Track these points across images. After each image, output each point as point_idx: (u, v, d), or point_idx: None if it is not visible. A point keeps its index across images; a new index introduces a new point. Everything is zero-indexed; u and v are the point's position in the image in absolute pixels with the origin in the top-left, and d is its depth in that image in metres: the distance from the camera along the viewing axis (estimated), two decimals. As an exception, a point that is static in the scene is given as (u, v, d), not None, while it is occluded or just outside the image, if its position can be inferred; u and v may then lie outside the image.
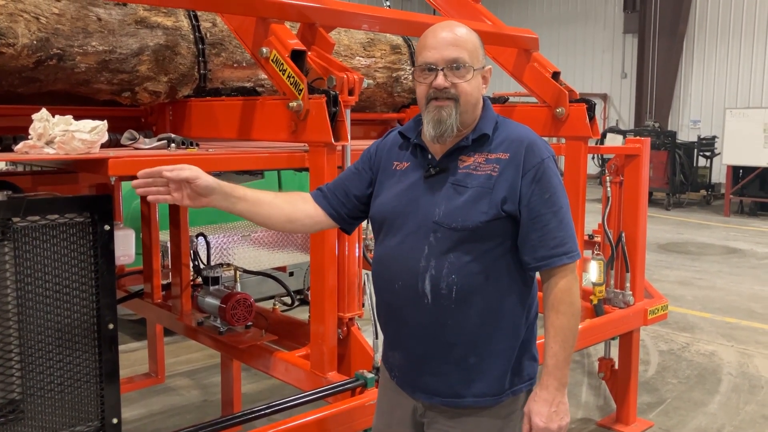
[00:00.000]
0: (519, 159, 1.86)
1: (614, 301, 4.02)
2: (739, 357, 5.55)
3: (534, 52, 3.93)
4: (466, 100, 1.88)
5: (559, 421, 1.88)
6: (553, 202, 1.86)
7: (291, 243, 5.23)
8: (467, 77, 1.86)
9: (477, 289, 1.87)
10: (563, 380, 1.89)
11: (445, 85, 1.86)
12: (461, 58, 1.85)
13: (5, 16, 2.47)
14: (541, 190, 1.85)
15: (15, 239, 1.95)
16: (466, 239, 1.85)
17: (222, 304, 3.29)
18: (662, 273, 8.44)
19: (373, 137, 4.30)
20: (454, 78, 1.86)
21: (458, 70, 1.86)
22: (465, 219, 1.84)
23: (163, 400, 4.65)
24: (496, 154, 1.89)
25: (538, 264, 1.88)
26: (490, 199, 1.84)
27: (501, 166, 1.87)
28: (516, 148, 1.88)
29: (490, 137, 1.92)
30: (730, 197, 13.65)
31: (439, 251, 1.87)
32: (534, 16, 20.59)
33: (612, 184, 4.09)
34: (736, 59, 16.86)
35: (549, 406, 1.87)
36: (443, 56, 1.86)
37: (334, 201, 2.10)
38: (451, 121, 1.87)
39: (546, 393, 1.88)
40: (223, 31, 3.21)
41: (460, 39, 1.88)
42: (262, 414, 2.53)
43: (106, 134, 2.26)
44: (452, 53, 1.85)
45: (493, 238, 1.87)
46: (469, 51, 1.87)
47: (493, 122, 1.94)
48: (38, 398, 2.02)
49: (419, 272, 1.88)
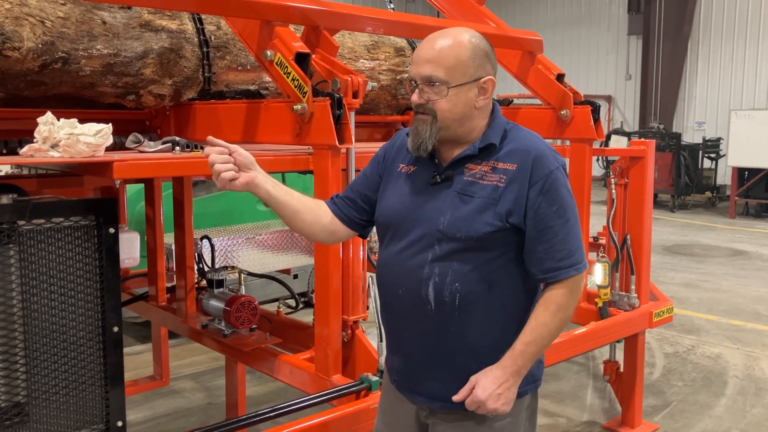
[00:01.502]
0: (526, 171, 1.85)
1: (619, 303, 4.01)
2: (745, 359, 5.53)
3: (538, 54, 3.93)
4: (443, 117, 1.86)
5: (498, 403, 1.83)
6: (560, 215, 1.85)
7: (295, 245, 5.23)
8: (442, 94, 1.84)
9: (480, 297, 1.86)
10: (522, 371, 1.86)
11: (420, 101, 1.86)
12: (434, 76, 1.83)
13: (11, 20, 2.48)
14: (548, 202, 1.84)
15: (20, 242, 1.96)
16: (470, 248, 1.85)
17: (226, 307, 3.29)
18: (667, 275, 8.42)
19: (377, 140, 4.30)
20: (430, 95, 1.85)
21: (433, 86, 1.84)
22: (469, 229, 1.84)
23: (167, 403, 4.65)
24: (503, 164, 1.87)
25: (545, 276, 1.87)
26: (495, 210, 1.83)
27: (508, 177, 1.85)
28: (523, 160, 1.86)
29: (498, 146, 1.90)
30: (736, 199, 13.60)
31: (443, 259, 1.86)
32: (538, 18, 20.58)
33: (617, 186, 4.07)
34: (741, 61, 16.82)
35: (496, 385, 1.83)
36: (419, 72, 1.86)
37: (345, 208, 2.10)
38: (426, 135, 1.86)
39: (500, 372, 1.84)
40: (227, 34, 3.21)
41: (440, 55, 1.84)
42: (266, 417, 2.53)
43: (110, 137, 2.27)
44: (426, 71, 1.84)
45: (498, 247, 1.86)
46: (447, 68, 1.83)
47: (501, 131, 1.92)
48: (43, 401, 2.03)
49: (423, 279, 1.88)
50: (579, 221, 1.92)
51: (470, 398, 1.85)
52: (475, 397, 1.84)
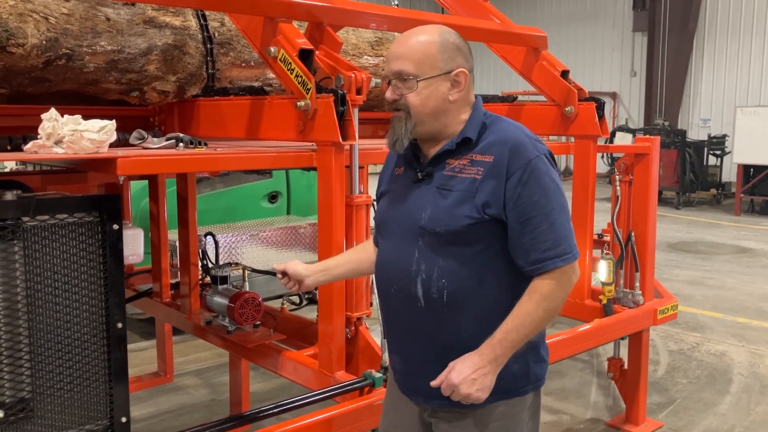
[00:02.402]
0: (503, 163, 1.83)
1: (624, 300, 4.00)
2: (750, 357, 5.51)
3: (543, 51, 3.92)
4: (416, 111, 1.89)
5: (472, 389, 1.78)
6: (542, 204, 1.82)
7: (299, 242, 5.23)
8: (413, 89, 1.87)
9: (470, 293, 1.86)
10: (500, 360, 1.81)
11: (393, 97, 1.91)
12: (404, 71, 1.87)
13: (15, 16, 2.48)
14: (528, 192, 1.81)
15: (24, 238, 1.96)
16: (453, 242, 1.84)
17: (230, 303, 3.29)
18: (672, 272, 8.40)
19: (380, 136, 4.30)
20: (402, 89, 1.89)
21: (404, 81, 1.88)
22: (448, 223, 1.84)
23: (171, 399, 4.66)
24: (481, 157, 1.86)
25: (532, 268, 1.84)
26: (473, 203, 1.83)
27: (485, 169, 1.84)
28: (500, 152, 1.84)
29: (475, 140, 1.89)
30: (741, 196, 13.55)
31: (428, 255, 1.87)
32: (542, 15, 20.52)
33: (621, 183, 4.06)
34: (747, 57, 16.74)
35: (472, 371, 1.78)
36: (390, 69, 1.91)
37: None
38: (401, 132, 1.90)
39: (477, 358, 1.80)
40: (231, 31, 3.21)
41: (409, 50, 1.88)
42: (270, 413, 2.54)
43: (114, 134, 2.27)
44: (396, 66, 1.89)
45: (481, 241, 1.85)
46: (415, 62, 1.86)
47: (478, 125, 1.91)
48: (48, 397, 2.03)
49: (411, 277, 1.89)
50: (567, 210, 1.88)
51: (445, 382, 1.81)
52: (449, 381, 1.79)
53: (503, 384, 1.90)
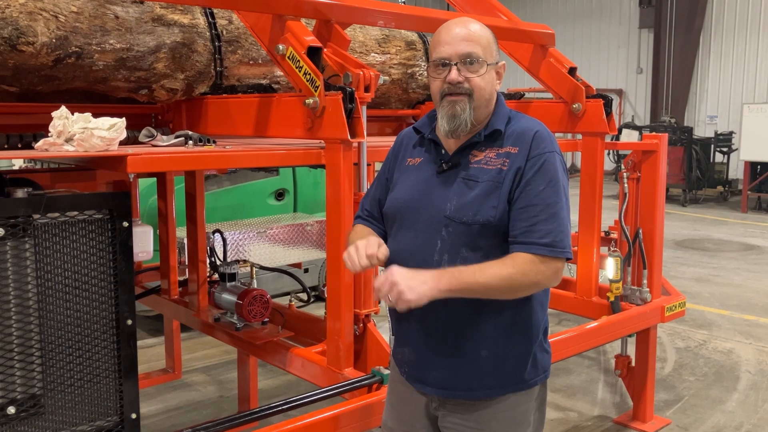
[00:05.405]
0: (526, 148, 1.88)
1: (631, 298, 3.99)
2: (758, 354, 5.50)
3: (550, 48, 3.91)
4: (480, 95, 1.90)
5: (405, 287, 1.71)
6: (546, 196, 1.84)
7: (306, 239, 5.24)
8: (480, 72, 1.88)
9: None
10: (441, 285, 1.75)
11: (459, 79, 1.87)
12: (474, 53, 1.87)
13: (25, 15, 2.49)
14: (537, 180, 1.84)
15: (35, 236, 1.97)
16: (478, 234, 1.85)
17: (239, 301, 3.30)
18: (679, 270, 8.38)
19: (388, 134, 4.30)
20: (467, 73, 1.88)
21: (472, 64, 1.88)
22: (475, 213, 1.85)
23: (179, 396, 4.68)
24: (506, 148, 1.90)
25: (516, 240, 1.82)
26: (500, 193, 1.84)
27: (511, 159, 1.87)
28: (524, 140, 1.89)
29: (503, 132, 1.92)
30: (748, 193, 13.49)
31: (451, 246, 1.87)
32: (549, 12, 20.46)
33: (629, 180, 4.05)
34: (754, 54, 16.65)
35: (413, 276, 1.74)
36: (457, 51, 1.88)
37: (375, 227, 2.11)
38: (465, 116, 1.88)
39: (426, 272, 1.76)
40: (239, 29, 3.22)
41: (473, 34, 1.89)
42: (278, 410, 2.55)
43: (124, 131, 2.28)
44: (465, 48, 1.87)
45: (506, 233, 1.86)
46: (482, 46, 1.89)
47: (505, 118, 1.95)
48: (58, 393, 2.04)
49: (433, 266, 1.87)
50: (568, 211, 1.89)
51: (385, 276, 1.75)
52: (388, 273, 1.74)
53: (512, 376, 1.92)
